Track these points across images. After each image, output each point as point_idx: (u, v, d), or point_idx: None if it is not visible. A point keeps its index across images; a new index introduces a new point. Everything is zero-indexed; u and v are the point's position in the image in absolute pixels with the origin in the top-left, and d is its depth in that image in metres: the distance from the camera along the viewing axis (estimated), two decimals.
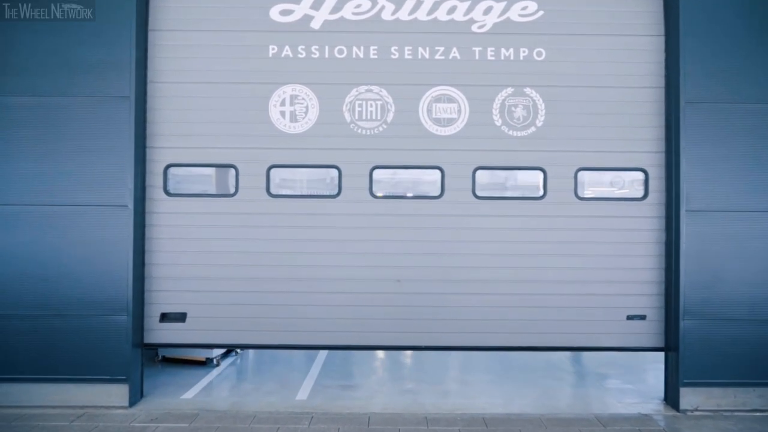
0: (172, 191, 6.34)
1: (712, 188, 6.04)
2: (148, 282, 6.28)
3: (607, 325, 6.37)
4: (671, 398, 6.20)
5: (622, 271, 6.37)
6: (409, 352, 9.05)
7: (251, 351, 8.80)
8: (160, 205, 6.30)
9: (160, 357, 8.04)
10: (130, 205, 5.96)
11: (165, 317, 6.32)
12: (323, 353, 8.50)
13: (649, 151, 6.35)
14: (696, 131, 6.04)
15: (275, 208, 6.33)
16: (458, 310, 6.35)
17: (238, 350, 8.52)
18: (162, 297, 6.31)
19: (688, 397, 6.01)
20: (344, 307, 6.34)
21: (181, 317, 6.31)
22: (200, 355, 7.79)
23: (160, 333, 6.32)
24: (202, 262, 6.31)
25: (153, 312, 6.30)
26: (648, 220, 6.37)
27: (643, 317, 6.36)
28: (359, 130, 6.35)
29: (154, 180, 6.30)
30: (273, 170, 6.35)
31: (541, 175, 6.38)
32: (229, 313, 6.32)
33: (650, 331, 6.37)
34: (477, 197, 6.35)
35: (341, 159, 6.33)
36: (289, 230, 6.33)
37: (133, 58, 5.99)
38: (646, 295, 6.37)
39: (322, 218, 6.34)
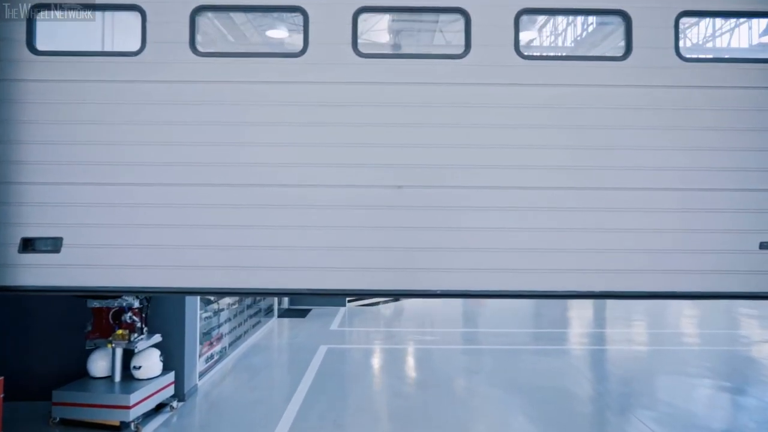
0: (41, 48, 4.05)
1: None
2: (4, 191, 3.97)
3: (730, 259, 4.02)
4: None
5: (749, 174, 4.04)
6: (411, 384, 6.86)
7: (198, 400, 6.45)
8: (22, 69, 4.01)
9: (56, 419, 5.75)
10: None
11: (29, 245, 3.99)
12: (297, 399, 6.38)
13: None
14: None
15: (203, 73, 4.02)
16: (492, 235, 4.01)
17: (174, 404, 6.26)
18: (24, 214, 3.99)
19: None
20: (313, 229, 4.01)
21: (53, 245, 3.99)
22: (113, 418, 5.57)
23: (22, 271, 3.99)
24: (88, 160, 4.00)
25: (9, 237, 3.98)
26: None
27: None
28: None
29: (12, 31, 4.00)
30: (201, 15, 4.06)
31: (621, 22, 4.08)
32: (129, 239, 3.99)
33: None
34: (522, 56, 4.03)
35: None
36: (224, 108, 4.01)
37: None
38: None
39: (277, 89, 4.02)
